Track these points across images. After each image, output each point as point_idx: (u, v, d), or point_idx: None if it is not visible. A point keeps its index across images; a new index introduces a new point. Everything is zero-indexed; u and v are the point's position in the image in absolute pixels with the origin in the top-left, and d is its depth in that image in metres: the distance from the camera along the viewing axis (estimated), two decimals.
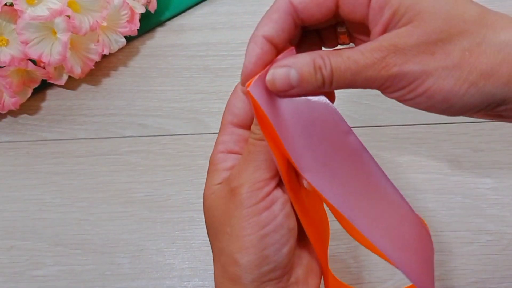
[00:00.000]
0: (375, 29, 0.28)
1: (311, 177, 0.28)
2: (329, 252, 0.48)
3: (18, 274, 0.48)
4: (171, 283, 0.47)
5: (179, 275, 0.47)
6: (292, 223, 0.30)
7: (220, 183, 0.31)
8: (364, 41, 0.30)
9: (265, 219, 0.28)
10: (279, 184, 0.29)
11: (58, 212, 0.50)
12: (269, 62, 0.28)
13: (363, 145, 0.29)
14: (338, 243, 0.48)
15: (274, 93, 0.27)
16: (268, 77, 0.27)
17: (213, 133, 0.53)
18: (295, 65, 0.27)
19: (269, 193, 0.28)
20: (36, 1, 0.48)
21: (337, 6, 0.28)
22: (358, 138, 0.29)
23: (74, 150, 0.53)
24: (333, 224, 0.49)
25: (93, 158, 0.53)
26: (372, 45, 0.27)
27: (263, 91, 0.27)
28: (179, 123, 0.54)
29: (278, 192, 0.29)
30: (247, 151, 0.29)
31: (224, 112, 0.32)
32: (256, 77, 0.27)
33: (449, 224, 0.49)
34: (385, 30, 0.27)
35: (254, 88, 0.27)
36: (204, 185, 0.40)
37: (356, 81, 0.27)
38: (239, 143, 0.31)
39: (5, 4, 0.48)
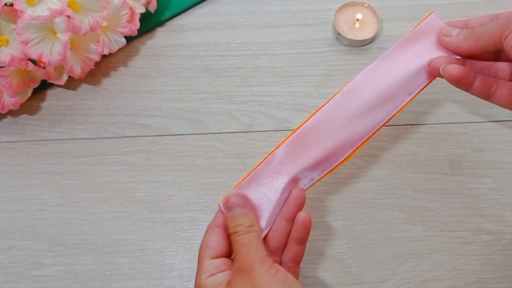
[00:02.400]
0: None
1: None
2: (329, 252, 0.48)
3: (18, 274, 0.48)
4: (171, 283, 0.47)
5: (179, 275, 0.47)
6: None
7: None
8: None
9: (282, 275, 0.35)
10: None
11: (58, 212, 0.50)
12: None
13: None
14: (338, 243, 0.48)
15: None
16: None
17: (213, 133, 0.53)
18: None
19: (270, 263, 0.36)
20: (36, 1, 0.48)
21: None
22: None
23: (74, 150, 0.53)
24: (334, 224, 0.49)
25: (93, 158, 0.53)
26: None
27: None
28: (179, 123, 0.54)
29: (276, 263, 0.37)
30: (239, 244, 0.37)
31: (201, 249, 0.39)
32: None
33: (449, 224, 0.49)
34: None
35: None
36: (203, 185, 0.41)
37: None
38: (218, 269, 0.37)
39: (5, 4, 0.48)
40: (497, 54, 0.43)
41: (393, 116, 0.43)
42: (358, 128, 0.42)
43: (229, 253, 0.39)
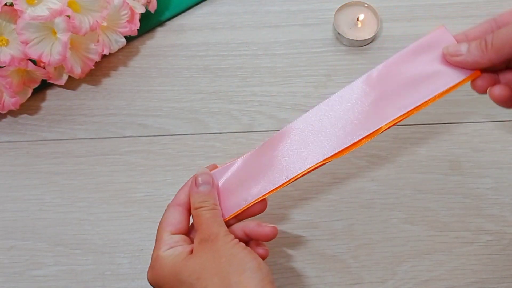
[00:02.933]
0: None
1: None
2: (329, 252, 0.48)
3: (18, 274, 0.48)
4: None
5: None
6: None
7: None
8: None
9: (243, 245, 0.38)
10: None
11: (58, 212, 0.50)
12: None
13: None
14: (338, 243, 0.48)
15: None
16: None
17: (213, 133, 0.53)
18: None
19: (233, 237, 0.38)
20: (36, 1, 0.48)
21: None
22: None
23: (74, 150, 0.53)
24: (334, 224, 0.49)
25: (93, 158, 0.53)
26: None
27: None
28: (179, 123, 0.54)
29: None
30: (204, 218, 0.39)
31: (160, 225, 0.40)
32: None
33: (449, 224, 0.49)
34: None
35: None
36: None
37: None
38: (177, 243, 0.39)
39: (5, 4, 0.48)
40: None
41: (380, 129, 0.40)
42: (345, 134, 0.41)
43: (188, 232, 0.40)
